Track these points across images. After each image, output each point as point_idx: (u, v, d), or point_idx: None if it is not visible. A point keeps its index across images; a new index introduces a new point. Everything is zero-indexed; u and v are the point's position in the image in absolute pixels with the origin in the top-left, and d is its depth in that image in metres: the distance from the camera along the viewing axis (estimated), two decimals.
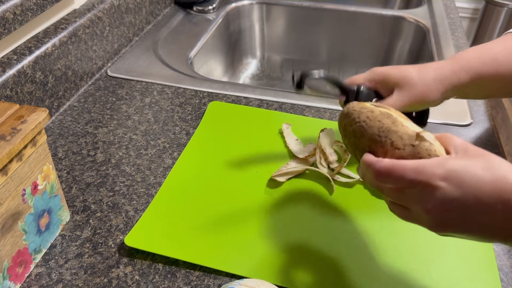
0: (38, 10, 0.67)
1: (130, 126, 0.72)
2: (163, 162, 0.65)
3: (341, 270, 0.50)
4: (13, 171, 0.44)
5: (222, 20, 1.09)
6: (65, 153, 0.67)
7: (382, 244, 0.53)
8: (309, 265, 0.50)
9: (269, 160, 0.65)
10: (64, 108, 0.76)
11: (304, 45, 1.21)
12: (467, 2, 2.29)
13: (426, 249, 0.53)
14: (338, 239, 0.54)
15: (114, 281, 0.49)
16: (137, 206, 0.58)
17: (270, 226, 0.55)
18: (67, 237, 0.54)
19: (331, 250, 0.52)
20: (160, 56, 0.90)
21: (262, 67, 1.25)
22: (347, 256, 0.52)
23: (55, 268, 0.51)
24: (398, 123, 0.42)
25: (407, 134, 0.41)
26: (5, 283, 0.46)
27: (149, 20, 1.01)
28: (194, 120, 0.73)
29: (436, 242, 0.53)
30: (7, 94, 0.63)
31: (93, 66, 0.83)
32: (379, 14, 1.12)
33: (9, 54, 0.66)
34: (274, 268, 0.50)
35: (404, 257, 0.52)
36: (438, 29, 1.02)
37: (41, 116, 0.47)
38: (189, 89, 0.81)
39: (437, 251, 0.52)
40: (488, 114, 0.75)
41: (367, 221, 0.56)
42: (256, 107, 0.76)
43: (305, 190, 0.60)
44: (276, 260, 0.51)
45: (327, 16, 1.15)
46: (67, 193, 0.60)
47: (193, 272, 0.50)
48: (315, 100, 0.78)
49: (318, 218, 0.56)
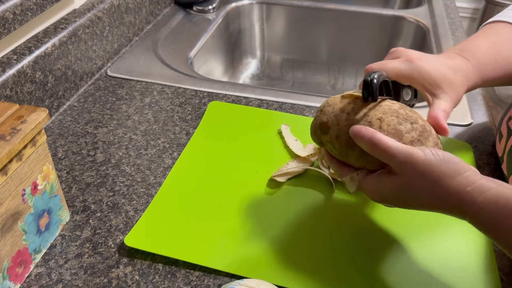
0: (38, 10, 0.67)
1: (130, 126, 0.72)
2: (163, 162, 0.65)
3: (341, 270, 0.50)
4: (13, 171, 0.44)
5: (222, 20, 1.09)
6: (65, 153, 0.67)
7: (382, 245, 0.53)
8: (309, 265, 0.50)
9: (269, 160, 0.64)
10: (64, 108, 0.76)
11: (304, 45, 1.21)
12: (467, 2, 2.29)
13: (426, 249, 0.53)
14: (338, 240, 0.54)
15: (114, 281, 0.49)
16: (137, 206, 0.58)
17: (270, 226, 0.55)
18: (67, 237, 0.54)
19: (331, 251, 0.52)
20: (160, 56, 0.90)
21: (262, 67, 1.25)
22: (347, 256, 0.52)
23: (55, 268, 0.51)
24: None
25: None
26: (5, 283, 0.46)
27: (149, 20, 1.01)
28: (194, 120, 0.73)
29: (437, 242, 0.53)
30: (7, 94, 0.63)
31: (93, 66, 0.83)
32: (379, 14, 1.12)
33: (9, 54, 0.66)
34: (274, 268, 0.50)
35: (404, 257, 0.52)
36: (438, 29, 1.02)
37: (41, 116, 0.47)
38: (189, 89, 0.81)
39: (437, 251, 0.52)
40: (488, 114, 0.75)
41: (367, 221, 0.56)
42: (256, 107, 0.76)
43: (305, 190, 0.60)
44: (276, 260, 0.51)
45: (327, 16, 1.15)
46: (67, 193, 0.60)
47: (193, 272, 0.50)
48: (315, 100, 0.78)
49: (318, 218, 0.56)
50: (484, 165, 0.65)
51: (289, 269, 0.50)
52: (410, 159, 0.42)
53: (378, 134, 0.44)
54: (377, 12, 1.12)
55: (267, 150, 0.67)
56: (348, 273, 0.50)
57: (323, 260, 0.51)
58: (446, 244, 0.53)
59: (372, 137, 0.44)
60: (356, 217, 0.57)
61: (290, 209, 0.57)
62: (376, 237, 0.54)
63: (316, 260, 0.51)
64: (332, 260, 0.51)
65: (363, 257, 0.52)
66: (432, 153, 0.43)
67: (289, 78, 1.24)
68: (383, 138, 0.44)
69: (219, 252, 0.52)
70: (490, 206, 0.40)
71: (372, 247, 0.53)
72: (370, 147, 0.44)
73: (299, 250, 0.52)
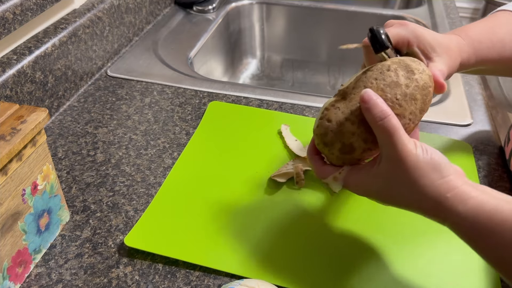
0: (38, 10, 0.67)
1: (130, 126, 0.72)
2: (163, 162, 0.65)
3: (341, 271, 0.50)
4: (13, 171, 0.44)
5: (222, 20, 1.09)
6: (65, 153, 0.67)
7: (382, 245, 0.53)
8: (309, 265, 0.50)
9: (269, 160, 0.64)
10: (64, 108, 0.76)
11: (304, 45, 1.21)
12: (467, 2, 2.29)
13: (426, 249, 0.53)
14: (338, 240, 0.54)
15: (114, 281, 0.49)
16: (137, 206, 0.58)
17: (270, 226, 0.55)
18: (67, 237, 0.54)
19: (331, 251, 0.52)
20: (160, 56, 0.90)
21: (262, 67, 1.25)
22: (347, 257, 0.52)
23: (55, 268, 0.51)
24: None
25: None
26: (5, 283, 0.46)
27: (149, 20, 1.01)
28: (194, 120, 0.73)
29: (436, 243, 0.53)
30: (7, 94, 0.63)
31: (93, 66, 0.83)
32: (379, 14, 1.12)
33: (9, 54, 0.66)
34: (274, 268, 0.50)
35: (404, 258, 0.52)
36: (438, 29, 1.02)
37: (41, 116, 0.47)
38: (189, 89, 0.81)
39: (438, 251, 0.52)
40: (488, 114, 0.75)
41: (368, 222, 0.56)
42: (256, 107, 0.76)
43: (305, 190, 0.60)
44: (276, 260, 0.51)
45: (327, 16, 1.15)
46: (67, 193, 0.60)
47: (193, 272, 0.50)
48: (315, 100, 0.78)
49: (318, 218, 0.56)
50: (484, 165, 0.65)
51: (289, 269, 0.50)
52: (403, 150, 0.41)
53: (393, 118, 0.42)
54: (377, 12, 1.12)
55: (267, 150, 0.67)
56: (348, 273, 0.50)
57: (322, 260, 0.51)
58: (445, 244, 0.53)
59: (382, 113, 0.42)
60: (356, 217, 0.57)
61: (290, 209, 0.57)
62: (376, 238, 0.54)
63: (316, 260, 0.51)
64: (332, 260, 0.51)
65: (363, 257, 0.52)
66: (422, 150, 0.41)
67: (289, 78, 1.24)
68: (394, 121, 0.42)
69: (219, 252, 0.52)
70: (470, 219, 0.39)
71: (372, 247, 0.53)
72: (376, 127, 0.42)
73: (299, 250, 0.52)
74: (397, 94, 0.44)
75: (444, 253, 0.52)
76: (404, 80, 0.45)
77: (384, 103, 0.42)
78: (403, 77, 0.45)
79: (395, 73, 0.45)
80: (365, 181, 0.45)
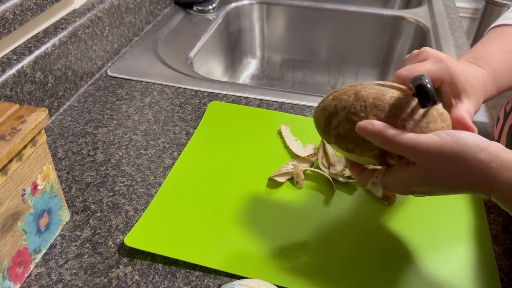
0: (38, 10, 0.67)
1: (130, 126, 0.72)
2: (163, 162, 0.65)
3: (341, 271, 0.50)
4: (13, 171, 0.44)
5: (222, 20, 1.09)
6: (65, 153, 0.67)
7: (382, 245, 0.53)
8: (309, 265, 0.50)
9: (269, 160, 0.65)
10: (64, 108, 0.76)
11: (304, 45, 1.21)
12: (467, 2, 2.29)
13: (426, 249, 0.53)
14: (338, 240, 0.54)
15: (114, 281, 0.49)
16: (137, 206, 0.58)
17: (270, 226, 0.55)
18: (67, 237, 0.54)
19: (331, 251, 0.52)
20: (160, 56, 0.90)
21: (262, 67, 1.25)
22: (347, 257, 0.52)
23: (55, 268, 0.51)
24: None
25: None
26: (5, 283, 0.46)
27: (149, 20, 1.01)
28: (194, 120, 0.73)
29: (437, 243, 0.53)
30: (7, 94, 0.63)
31: (93, 66, 0.83)
32: (379, 14, 1.12)
33: (9, 54, 0.66)
34: (274, 268, 0.50)
35: (404, 258, 0.52)
36: (438, 29, 1.02)
37: (41, 116, 0.47)
38: (189, 89, 0.81)
39: (438, 251, 0.52)
40: (488, 114, 0.75)
41: (368, 222, 0.56)
42: (256, 107, 0.76)
43: (305, 190, 0.60)
44: (276, 260, 0.51)
45: (327, 16, 1.15)
46: (67, 193, 0.60)
47: (193, 272, 0.50)
48: (315, 100, 0.78)
49: (318, 218, 0.56)
50: None
51: (289, 269, 0.50)
52: (426, 148, 0.42)
53: (389, 130, 0.43)
54: (377, 12, 1.12)
55: (267, 150, 0.67)
56: (348, 273, 0.50)
57: (323, 260, 0.51)
58: (446, 245, 0.53)
59: (383, 133, 0.43)
60: (356, 217, 0.57)
61: (290, 209, 0.57)
62: (376, 238, 0.54)
63: (316, 260, 0.51)
64: (332, 260, 0.51)
65: (363, 257, 0.52)
66: (447, 135, 0.42)
67: (289, 78, 1.24)
68: (393, 133, 0.43)
69: (219, 252, 0.52)
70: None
71: (372, 248, 0.53)
72: (382, 143, 0.43)
73: (299, 250, 0.52)
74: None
75: (444, 253, 0.52)
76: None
77: (379, 124, 0.44)
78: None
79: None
80: (405, 182, 0.46)
